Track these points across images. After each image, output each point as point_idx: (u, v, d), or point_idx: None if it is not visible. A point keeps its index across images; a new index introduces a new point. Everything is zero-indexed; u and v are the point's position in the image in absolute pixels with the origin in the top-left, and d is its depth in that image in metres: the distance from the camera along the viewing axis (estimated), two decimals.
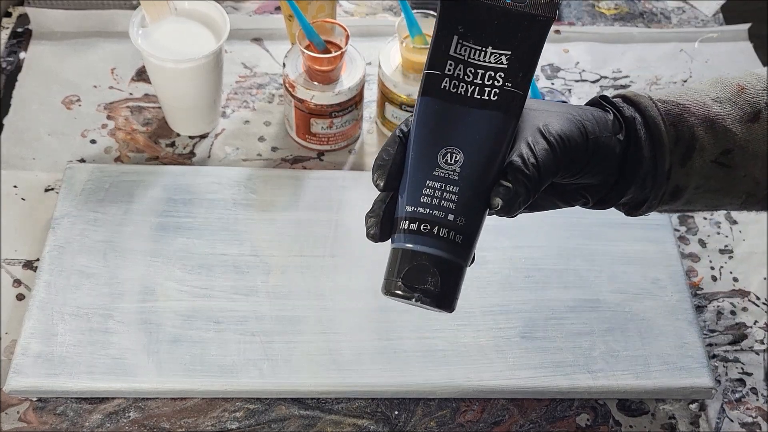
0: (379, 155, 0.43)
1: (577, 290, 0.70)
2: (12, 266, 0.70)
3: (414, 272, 0.41)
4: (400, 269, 0.42)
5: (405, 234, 0.42)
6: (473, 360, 0.65)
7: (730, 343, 0.70)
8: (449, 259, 0.42)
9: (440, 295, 0.41)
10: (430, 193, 0.41)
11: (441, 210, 0.41)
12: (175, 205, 0.72)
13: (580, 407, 0.66)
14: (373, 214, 0.43)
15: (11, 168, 0.75)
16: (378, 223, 0.42)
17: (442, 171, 0.42)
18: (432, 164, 0.42)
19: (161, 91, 0.76)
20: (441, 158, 0.42)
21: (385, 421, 0.64)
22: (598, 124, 0.47)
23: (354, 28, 0.84)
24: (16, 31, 0.86)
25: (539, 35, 0.42)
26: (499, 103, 0.42)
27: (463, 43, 0.42)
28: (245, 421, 0.63)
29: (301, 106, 0.74)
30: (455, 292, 0.42)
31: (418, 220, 0.41)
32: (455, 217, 0.41)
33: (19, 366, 0.62)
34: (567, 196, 0.50)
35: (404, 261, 0.42)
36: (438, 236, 0.41)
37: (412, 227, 0.41)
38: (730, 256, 0.76)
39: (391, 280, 0.42)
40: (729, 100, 0.50)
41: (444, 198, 0.41)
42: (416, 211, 0.41)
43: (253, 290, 0.67)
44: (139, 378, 0.62)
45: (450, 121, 0.42)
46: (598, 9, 0.95)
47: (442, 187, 0.41)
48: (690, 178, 0.49)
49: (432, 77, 0.42)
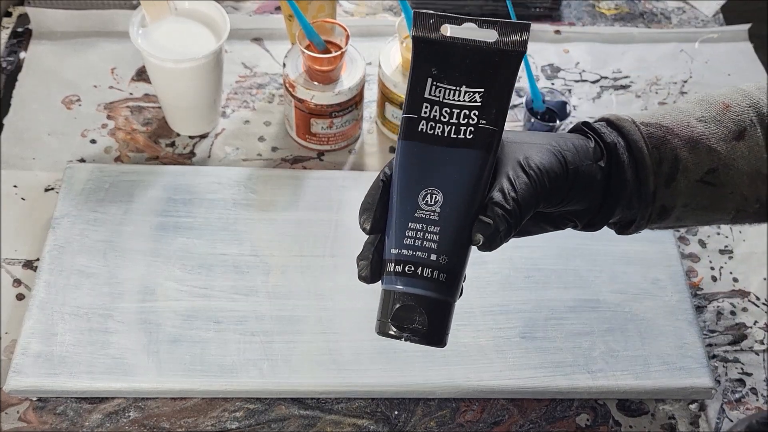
0: (365, 199, 0.44)
1: (577, 290, 0.70)
2: (12, 266, 0.70)
3: (403, 312, 0.42)
4: (390, 310, 0.43)
5: (392, 276, 0.43)
6: (473, 360, 0.65)
7: (730, 344, 0.70)
8: (435, 297, 0.42)
9: (428, 333, 0.42)
10: (413, 234, 0.42)
11: (423, 251, 0.42)
12: (175, 204, 0.72)
13: (580, 407, 0.66)
14: (363, 257, 0.44)
15: (11, 168, 0.75)
16: (368, 266, 0.43)
17: (423, 212, 0.42)
18: (413, 206, 0.43)
19: (161, 91, 0.76)
20: (422, 200, 0.43)
21: (385, 421, 0.64)
22: (579, 153, 0.47)
23: (354, 28, 0.84)
24: (17, 31, 0.86)
25: (511, 70, 0.43)
26: (475, 140, 0.43)
27: (437, 84, 0.43)
28: (245, 421, 0.63)
29: (301, 106, 0.74)
30: (444, 329, 0.43)
31: (403, 262, 0.42)
32: (437, 257, 0.42)
33: (19, 366, 0.62)
34: (555, 222, 0.51)
35: (394, 301, 0.43)
36: (422, 276, 0.42)
37: (398, 269, 0.42)
38: (730, 257, 0.76)
39: (383, 321, 0.43)
40: (714, 119, 0.50)
41: (426, 239, 0.42)
42: (401, 253, 0.42)
43: (253, 290, 0.67)
44: (139, 378, 0.62)
45: (429, 163, 0.43)
46: (598, 9, 0.95)
47: (424, 228, 0.42)
48: (676, 198, 0.50)
49: (409, 121, 0.43)
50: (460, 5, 0.90)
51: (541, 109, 0.79)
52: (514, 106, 0.84)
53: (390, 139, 0.80)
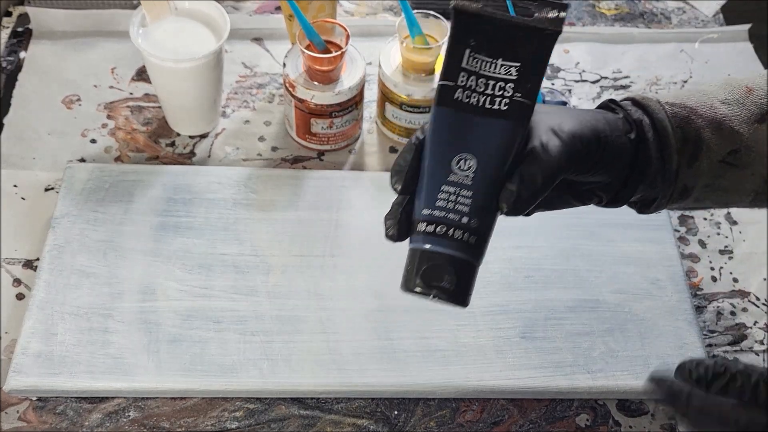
0: (396, 161, 0.46)
1: (577, 290, 0.70)
2: (12, 265, 0.70)
3: (431, 271, 0.44)
4: (419, 268, 0.44)
5: (422, 235, 0.45)
6: (473, 360, 0.65)
7: (730, 344, 0.70)
8: (463, 258, 0.44)
9: (455, 292, 0.44)
10: (445, 197, 0.44)
11: (455, 213, 0.44)
12: (175, 204, 0.72)
13: (580, 407, 0.66)
14: (391, 216, 0.45)
15: (11, 167, 0.75)
16: (396, 225, 0.45)
17: (456, 176, 0.44)
18: (447, 170, 0.44)
19: (161, 91, 0.76)
20: (455, 164, 0.44)
21: (384, 421, 0.64)
22: (609, 125, 0.48)
23: (354, 28, 0.83)
24: (17, 31, 0.86)
25: (546, 48, 0.44)
26: (509, 112, 0.44)
27: (475, 55, 0.44)
28: (245, 421, 0.63)
29: (301, 106, 0.74)
30: (469, 289, 0.45)
31: (435, 222, 0.44)
32: (469, 220, 0.44)
33: (18, 365, 0.62)
34: (581, 195, 0.52)
35: (422, 260, 0.44)
36: (453, 238, 0.44)
37: (428, 229, 0.44)
38: (730, 257, 0.76)
39: (410, 278, 0.45)
40: (737, 101, 0.51)
41: (458, 202, 0.44)
42: (432, 214, 0.44)
43: (253, 290, 0.67)
44: (138, 377, 0.62)
45: (463, 130, 0.45)
46: (598, 9, 0.95)
47: (457, 191, 0.44)
48: (698, 178, 0.50)
49: (446, 88, 0.45)
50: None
51: None
52: None
53: (390, 139, 0.80)
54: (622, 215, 0.74)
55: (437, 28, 0.73)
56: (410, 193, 0.45)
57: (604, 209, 0.54)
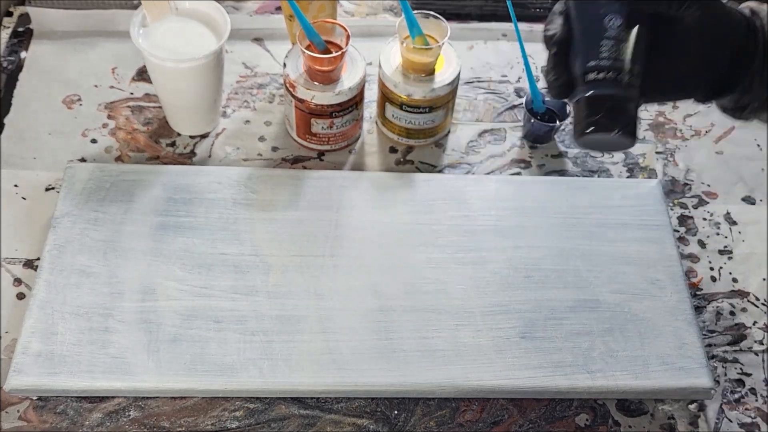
0: (546, 30, 0.52)
1: (577, 290, 0.70)
2: (12, 265, 0.70)
3: (607, 112, 0.49)
4: (596, 111, 0.50)
5: (590, 84, 0.50)
6: (473, 360, 0.65)
7: (730, 344, 0.71)
8: (632, 97, 0.50)
9: (633, 131, 0.50)
10: (606, 49, 0.50)
11: (619, 60, 0.50)
12: (176, 204, 0.72)
13: (580, 407, 0.66)
14: (557, 74, 0.51)
15: (12, 167, 0.75)
16: (559, 81, 0.51)
17: (612, 32, 0.50)
18: (602, 28, 0.50)
19: (162, 91, 0.76)
20: (608, 22, 0.50)
21: (384, 421, 0.64)
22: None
23: (354, 28, 0.84)
24: (17, 31, 0.86)
25: None
26: None
27: None
28: (245, 421, 0.63)
29: (301, 106, 0.74)
30: (637, 127, 0.51)
31: (602, 70, 0.50)
32: (632, 65, 0.50)
33: (19, 365, 0.62)
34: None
35: (598, 104, 0.50)
36: (619, 82, 0.50)
37: (598, 77, 0.50)
38: (730, 257, 0.76)
39: (589, 121, 0.50)
40: None
41: (620, 50, 0.50)
42: (599, 64, 0.50)
43: (253, 290, 0.68)
44: (139, 377, 0.62)
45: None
46: None
47: (615, 43, 0.50)
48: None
49: None
50: (460, 5, 0.90)
51: (541, 110, 0.79)
52: (514, 107, 0.84)
53: (390, 139, 0.80)
54: (622, 215, 0.74)
55: (437, 28, 0.73)
56: (564, 54, 0.51)
57: (604, 209, 0.54)
